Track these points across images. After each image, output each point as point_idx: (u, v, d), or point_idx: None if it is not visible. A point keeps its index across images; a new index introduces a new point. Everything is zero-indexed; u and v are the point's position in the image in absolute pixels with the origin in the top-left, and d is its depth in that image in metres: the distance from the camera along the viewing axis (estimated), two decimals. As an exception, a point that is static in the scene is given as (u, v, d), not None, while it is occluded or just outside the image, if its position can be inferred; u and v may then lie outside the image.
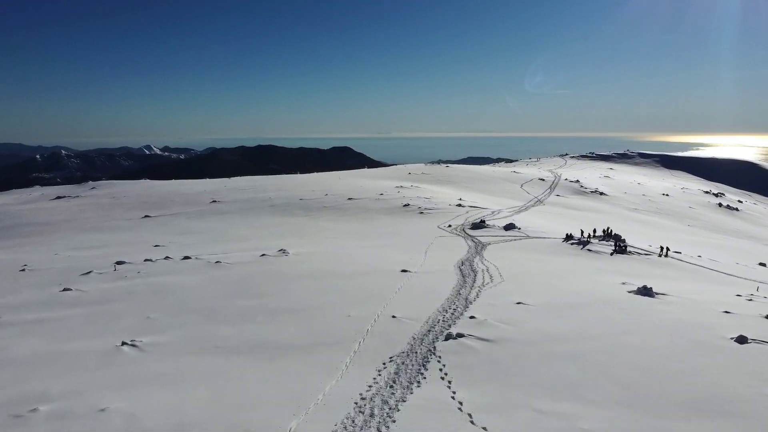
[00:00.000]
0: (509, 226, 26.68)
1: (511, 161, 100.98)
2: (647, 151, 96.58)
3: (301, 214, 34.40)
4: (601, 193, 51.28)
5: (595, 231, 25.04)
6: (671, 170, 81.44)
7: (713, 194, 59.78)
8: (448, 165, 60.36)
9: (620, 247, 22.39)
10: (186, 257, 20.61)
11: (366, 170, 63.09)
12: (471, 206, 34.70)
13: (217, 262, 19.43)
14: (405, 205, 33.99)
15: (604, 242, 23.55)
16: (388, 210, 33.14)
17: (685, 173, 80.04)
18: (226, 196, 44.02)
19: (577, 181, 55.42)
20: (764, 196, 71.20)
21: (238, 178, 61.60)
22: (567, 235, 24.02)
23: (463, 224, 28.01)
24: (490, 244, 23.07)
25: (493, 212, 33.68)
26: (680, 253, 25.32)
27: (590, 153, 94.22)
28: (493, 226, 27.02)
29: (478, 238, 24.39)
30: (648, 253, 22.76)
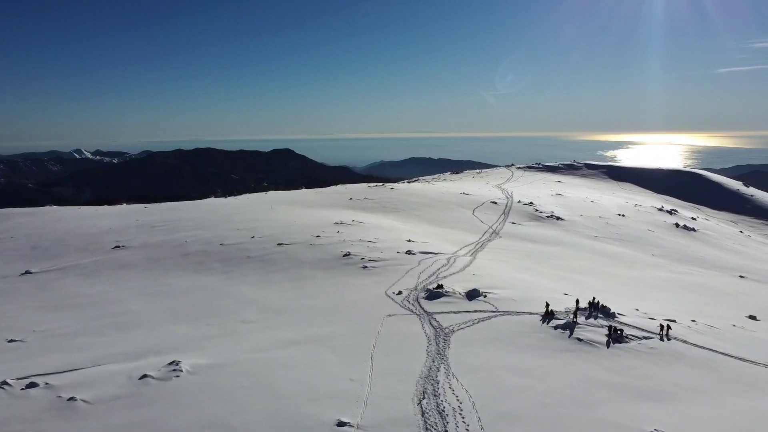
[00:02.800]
0: (472, 294, 21.77)
1: (457, 172, 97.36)
2: (592, 161, 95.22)
3: (218, 269, 28.36)
4: (558, 218, 47.59)
5: (578, 302, 20.44)
6: (619, 182, 79.72)
7: (667, 211, 57.49)
8: (393, 187, 55.29)
9: (615, 332, 17.88)
10: (31, 384, 14.42)
11: (303, 192, 57.25)
12: (422, 252, 29.65)
13: (70, 399, 13.41)
14: (345, 255, 28.56)
15: (592, 321, 19.01)
16: (325, 263, 27.59)
17: (633, 185, 78.45)
18: (134, 237, 37.29)
19: (531, 203, 51.66)
20: (711, 208, 70.14)
21: (158, 206, 54.35)
22: (546, 311, 19.38)
23: (416, 288, 22.90)
24: (454, 330, 18.03)
25: (448, 260, 28.78)
26: (675, 321, 21.30)
27: (536, 164, 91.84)
28: (453, 292, 22.01)
29: (438, 318, 19.31)
30: (647, 335, 18.45)
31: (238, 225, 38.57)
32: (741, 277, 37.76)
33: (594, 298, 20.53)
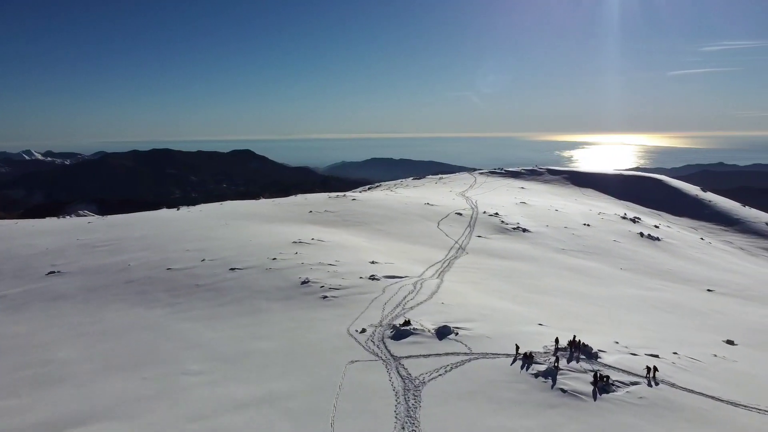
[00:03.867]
0: (443, 331, 19.90)
1: (419, 177, 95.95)
2: (554, 166, 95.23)
3: (163, 300, 25.75)
4: (524, 230, 46.41)
5: (557, 341, 18.82)
6: (581, 188, 79.65)
7: (630, 220, 57.14)
8: (355, 198, 53.18)
9: (601, 380, 16.31)
10: None
11: (261, 204, 54.54)
12: (387, 277, 27.69)
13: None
14: (304, 282, 26.35)
15: (575, 365, 17.38)
16: (281, 293, 25.30)
17: (594, 191, 78.46)
18: (73, 260, 34.15)
19: (497, 213, 50.39)
20: (671, 214, 70.56)
21: (103, 221, 50.74)
22: (524, 354, 17.68)
23: (381, 323, 20.91)
24: (425, 382, 16.11)
25: (415, 284, 26.90)
26: (658, 357, 19.99)
27: (499, 169, 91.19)
28: (422, 329, 20.10)
29: (406, 364, 17.36)
30: (634, 380, 16.96)
31: (189, 245, 35.82)
32: (709, 290, 37.19)
33: (575, 337, 18.94)
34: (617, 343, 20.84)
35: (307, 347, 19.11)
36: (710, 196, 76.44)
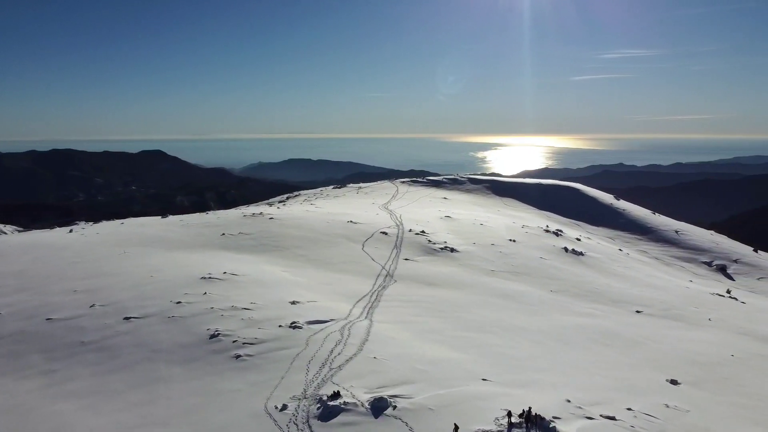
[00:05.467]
0: (379, 406, 17.05)
1: (340, 186, 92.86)
2: (475, 175, 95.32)
3: (36, 366, 21.09)
4: (452, 249, 44.62)
5: (510, 415, 16.48)
6: (502, 198, 79.81)
7: (553, 233, 57.06)
8: (272, 216, 49.29)
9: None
10: None
11: (168, 224, 49.38)
12: (311, 322, 24.49)
13: None
14: (213, 336, 22.61)
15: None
16: (185, 352, 21.45)
17: (515, 201, 78.81)
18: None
19: (423, 232, 48.33)
20: (589, 224, 71.89)
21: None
22: (476, 436, 15.21)
23: (305, 394, 17.73)
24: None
25: (342, 330, 23.89)
26: (615, 419, 18.20)
27: (421, 178, 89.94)
28: (354, 403, 17.12)
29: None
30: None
31: (77, 283, 30.79)
32: (638, 312, 36.84)
33: (530, 410, 16.66)
34: (569, 402, 18.89)
35: (215, 438, 15.64)
36: (624, 205, 78.81)
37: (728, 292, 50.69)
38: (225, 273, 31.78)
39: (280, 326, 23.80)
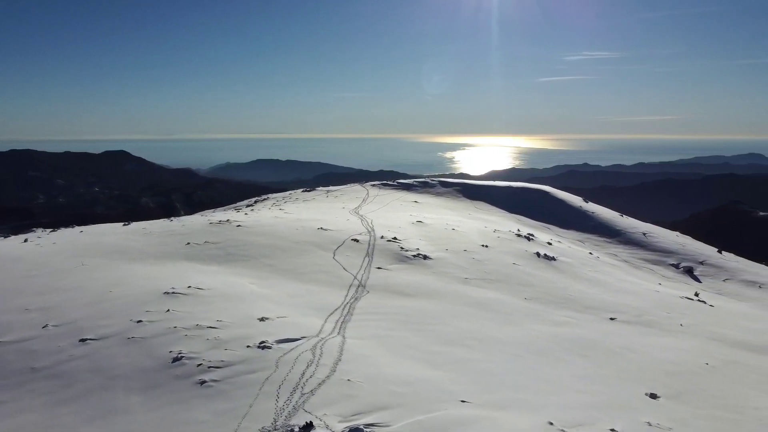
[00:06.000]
0: (355, 437, 16.08)
1: (309, 189, 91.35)
2: (446, 178, 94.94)
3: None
4: (425, 257, 43.89)
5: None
6: (473, 201, 79.63)
7: (525, 237, 56.90)
8: (240, 224, 47.73)
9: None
10: None
11: (129, 233, 47.37)
12: (281, 341, 23.32)
13: None
14: (176, 359, 21.24)
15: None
16: (145, 378, 19.98)
17: (486, 204, 78.72)
18: None
19: (395, 238, 47.50)
20: (559, 227, 72.16)
21: None
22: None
23: (275, 426, 16.64)
24: None
25: (314, 350, 22.81)
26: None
27: (391, 181, 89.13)
28: (328, 435, 16.13)
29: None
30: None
31: (30, 300, 28.91)
32: (612, 319, 36.73)
33: (513, 438, 15.92)
34: (552, 424, 18.22)
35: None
36: (592, 207, 79.49)
37: (696, 295, 51.26)
38: (189, 287, 30.30)
39: (248, 346, 22.57)
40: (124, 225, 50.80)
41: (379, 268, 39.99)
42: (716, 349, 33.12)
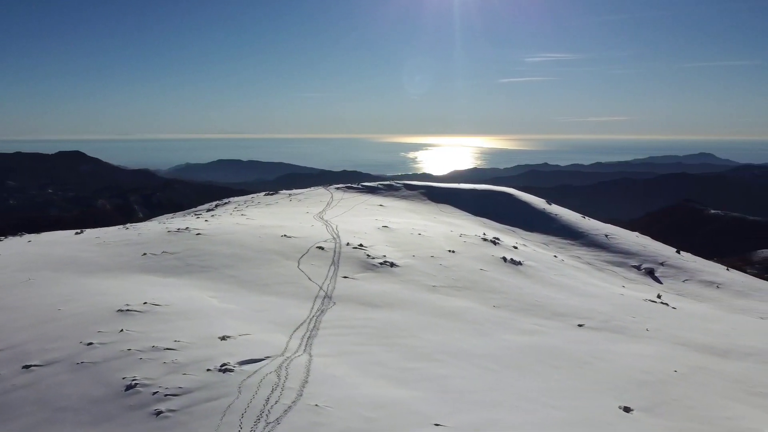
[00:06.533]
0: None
1: (272, 193, 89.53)
2: (411, 181, 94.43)
3: None
4: (392, 264, 43.07)
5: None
6: (438, 204, 79.37)
7: (491, 241, 56.72)
8: (200, 232, 45.89)
9: None
10: None
11: (82, 242, 44.98)
12: (243, 362, 22.05)
13: None
14: (130, 387, 19.79)
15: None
16: (96, 408, 18.36)
17: (451, 207, 78.55)
18: None
19: (361, 245, 46.54)
20: (523, 229, 72.53)
21: None
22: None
23: (238, 461, 15.50)
24: None
25: (279, 371, 21.62)
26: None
27: (356, 185, 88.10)
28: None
29: None
30: None
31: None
32: (580, 326, 36.64)
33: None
34: (526, 450, 17.65)
35: None
36: (555, 209, 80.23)
37: (659, 297, 51.96)
38: (145, 303, 28.63)
39: (208, 370, 21.21)
40: (77, 233, 48.28)
41: (345, 277, 38.97)
42: (683, 355, 33.29)
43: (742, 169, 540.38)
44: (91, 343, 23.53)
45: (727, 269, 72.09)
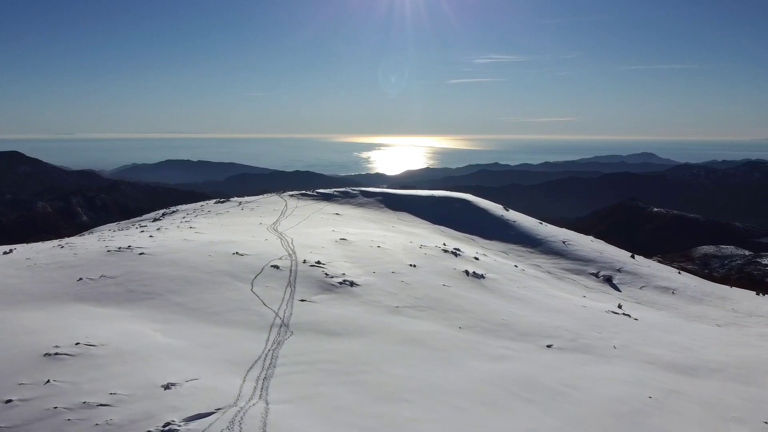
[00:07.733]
0: None
1: (223, 201, 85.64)
2: (367, 187, 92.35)
3: None
4: (351, 283, 40.90)
5: None
6: (396, 212, 77.63)
7: (452, 253, 55.32)
8: (143, 252, 42.37)
9: None
10: None
11: (12, 262, 40.77)
12: (190, 419, 19.45)
13: None
14: (54, 460, 16.96)
15: None
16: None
17: (409, 215, 76.94)
18: None
19: (319, 262, 44.13)
20: (482, 237, 71.64)
21: None
22: None
23: None
24: None
25: (231, 426, 19.17)
26: None
27: (311, 192, 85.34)
28: None
29: None
30: None
31: None
32: (548, 346, 35.46)
33: None
34: None
35: None
36: (513, 216, 79.76)
37: (620, 307, 51.70)
38: (78, 344, 25.43)
39: (149, 431, 18.54)
40: (5, 254, 43.96)
41: (302, 300, 36.57)
42: (652, 376, 32.54)
43: (682, 168, 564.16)
44: (9, 401, 20.34)
45: (679, 272, 73.39)
